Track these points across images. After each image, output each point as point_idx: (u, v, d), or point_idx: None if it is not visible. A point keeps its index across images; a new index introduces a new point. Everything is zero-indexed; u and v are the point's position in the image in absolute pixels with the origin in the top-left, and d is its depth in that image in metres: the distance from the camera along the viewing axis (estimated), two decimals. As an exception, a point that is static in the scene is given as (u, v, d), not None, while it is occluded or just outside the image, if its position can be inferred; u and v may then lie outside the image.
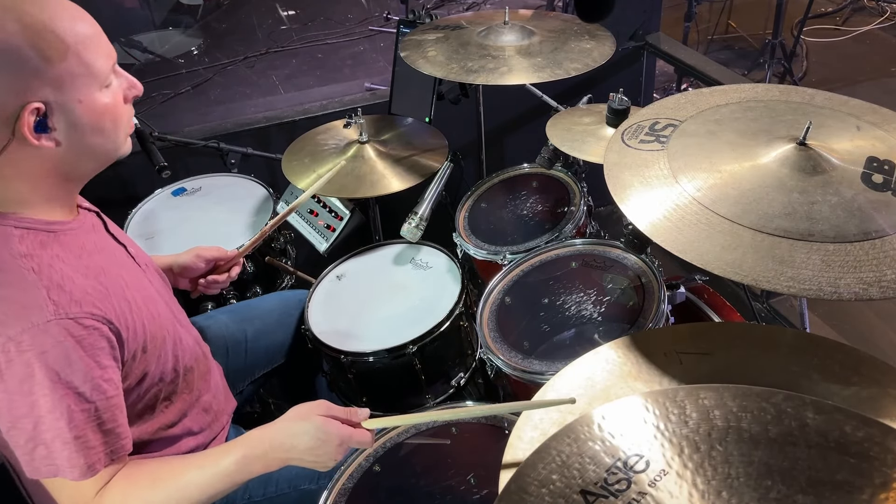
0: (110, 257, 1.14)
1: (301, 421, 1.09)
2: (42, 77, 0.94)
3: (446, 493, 1.24)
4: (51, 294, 0.96)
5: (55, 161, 1.01)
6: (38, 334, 0.94)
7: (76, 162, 1.04)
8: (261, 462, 1.08)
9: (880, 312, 2.39)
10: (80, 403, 0.98)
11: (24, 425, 0.96)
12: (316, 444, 1.07)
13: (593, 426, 0.78)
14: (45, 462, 0.98)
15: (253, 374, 1.68)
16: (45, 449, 0.97)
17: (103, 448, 1.01)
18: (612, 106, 1.63)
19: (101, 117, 1.02)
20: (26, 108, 0.94)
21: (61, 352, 0.95)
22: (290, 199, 2.14)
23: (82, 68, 0.98)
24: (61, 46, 0.95)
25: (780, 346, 1.07)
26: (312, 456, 1.08)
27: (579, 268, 1.62)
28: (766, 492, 0.69)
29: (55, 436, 0.97)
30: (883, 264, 0.91)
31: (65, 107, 0.98)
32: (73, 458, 0.98)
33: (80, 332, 0.97)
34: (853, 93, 1.23)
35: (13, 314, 0.94)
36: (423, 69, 1.75)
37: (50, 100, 0.96)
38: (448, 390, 1.71)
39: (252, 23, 3.90)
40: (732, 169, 1.08)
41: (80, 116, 1.00)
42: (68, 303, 0.97)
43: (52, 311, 0.95)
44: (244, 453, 1.08)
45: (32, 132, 0.96)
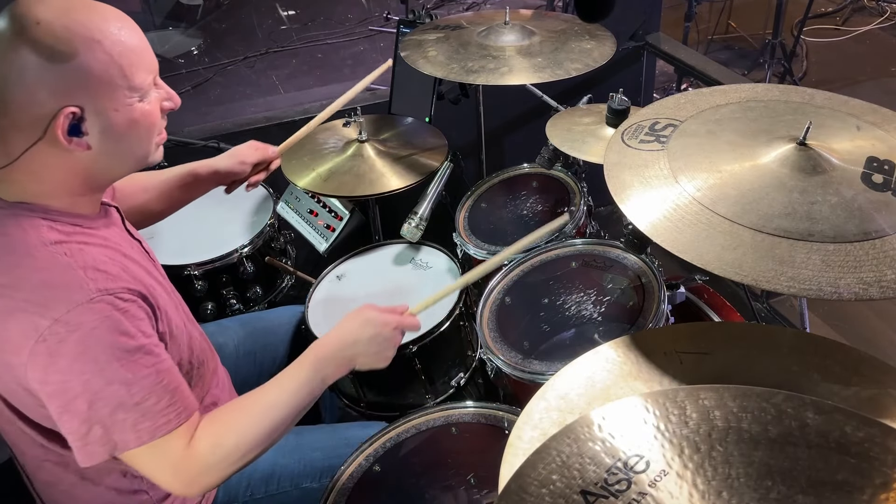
0: (130, 249, 1.16)
1: (357, 318, 1.20)
2: (82, 83, 0.96)
3: (446, 493, 1.24)
4: (87, 274, 0.98)
5: (84, 164, 1.03)
6: (84, 312, 0.95)
7: (105, 167, 1.06)
8: (331, 364, 1.15)
9: (880, 312, 2.39)
10: (139, 369, 0.99)
11: (79, 406, 0.96)
12: (375, 332, 1.18)
13: (593, 426, 0.78)
14: (100, 442, 0.98)
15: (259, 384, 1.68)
16: (102, 428, 0.97)
17: (170, 408, 1.02)
18: (612, 106, 1.63)
19: (135, 127, 1.04)
20: (63, 111, 0.95)
21: (110, 325, 0.97)
22: (289, 198, 2.14)
23: (123, 80, 0.99)
24: (104, 57, 0.97)
25: (780, 346, 1.07)
26: (375, 345, 1.18)
27: (579, 268, 1.62)
28: (767, 492, 0.69)
29: (116, 406, 0.97)
30: (883, 264, 0.91)
31: (100, 114, 0.99)
32: (139, 422, 0.99)
33: (122, 304, 0.99)
34: (853, 93, 1.23)
35: (55, 297, 0.95)
36: (423, 69, 1.75)
37: (86, 106, 0.97)
38: (448, 390, 1.71)
39: (252, 23, 3.91)
40: (732, 169, 1.08)
41: (115, 124, 1.01)
42: (105, 280, 0.99)
43: (93, 288, 0.97)
44: (315, 357, 1.15)
45: (65, 135, 0.97)
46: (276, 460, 1.36)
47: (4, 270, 0.97)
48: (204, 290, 1.87)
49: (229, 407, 1.12)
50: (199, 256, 1.87)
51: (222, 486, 1.31)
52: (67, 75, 0.95)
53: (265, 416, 1.09)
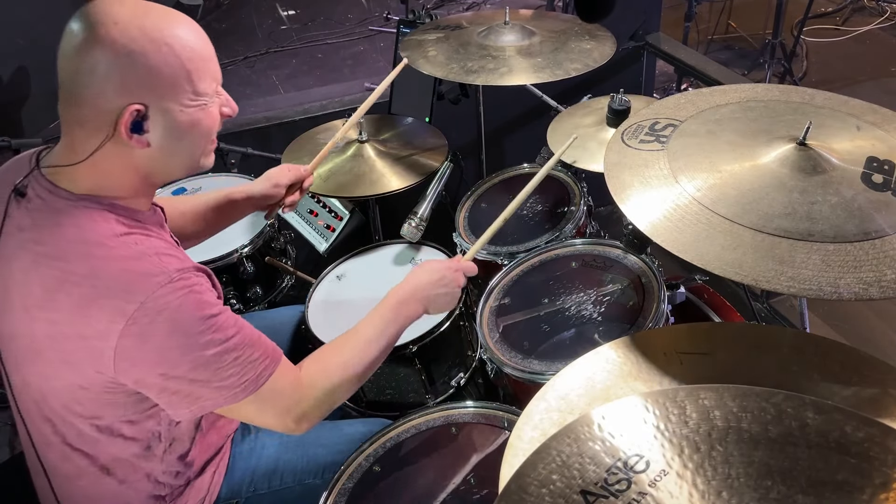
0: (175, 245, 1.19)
1: (423, 267, 1.33)
2: (150, 84, 1.00)
3: (446, 493, 1.24)
4: (161, 259, 1.03)
5: (143, 161, 1.06)
6: (167, 293, 0.99)
7: (163, 165, 1.09)
8: (410, 304, 1.28)
9: (880, 312, 2.39)
10: (227, 330, 1.03)
11: (181, 374, 1.01)
12: (441, 275, 1.31)
13: (593, 426, 0.78)
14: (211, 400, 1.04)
15: None
16: (207, 389, 1.03)
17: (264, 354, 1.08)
18: (613, 106, 1.63)
19: (194, 129, 1.07)
20: (128, 107, 0.99)
21: (193, 299, 1.01)
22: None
23: (189, 84, 1.04)
24: (174, 61, 1.01)
25: (780, 346, 1.07)
26: (443, 286, 1.30)
27: (579, 268, 1.62)
28: (766, 492, 0.69)
29: (216, 367, 1.02)
30: (883, 264, 0.91)
31: (164, 113, 1.03)
32: (242, 373, 1.05)
33: (196, 279, 1.04)
34: (853, 93, 1.23)
35: (137, 281, 0.99)
36: (423, 69, 1.75)
37: (151, 104, 1.01)
38: (448, 390, 1.71)
39: (252, 23, 3.91)
40: (732, 169, 1.08)
41: (177, 125, 1.05)
42: (176, 261, 1.04)
43: (171, 269, 1.01)
44: (396, 300, 1.27)
45: (127, 130, 1.01)
46: (280, 455, 1.38)
47: (81, 261, 1.00)
48: (204, 290, 1.87)
49: (329, 347, 1.22)
50: (199, 256, 1.86)
51: (225, 482, 1.32)
52: (137, 74, 0.99)
53: (364, 350, 1.20)
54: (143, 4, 1.03)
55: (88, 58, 0.98)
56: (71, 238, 1.01)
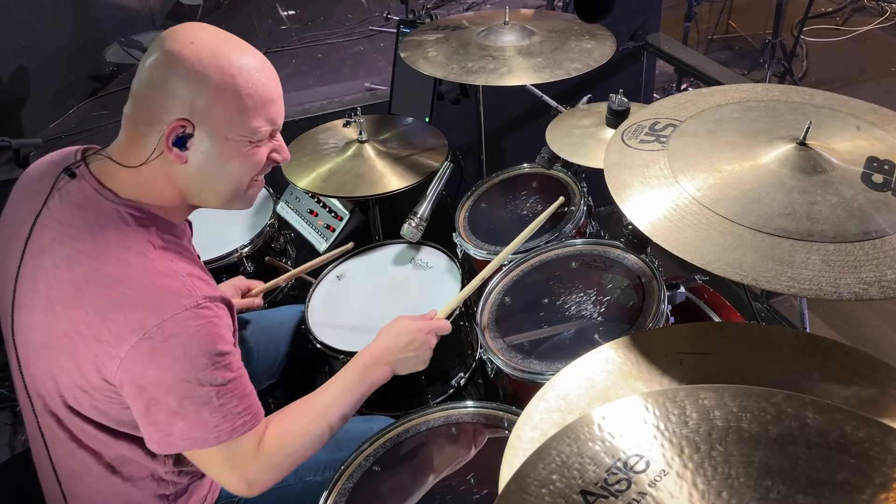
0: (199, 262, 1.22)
1: (393, 327, 1.31)
2: (204, 105, 1.04)
3: (446, 493, 1.24)
4: (192, 281, 1.05)
5: (181, 178, 1.09)
6: (190, 316, 1.00)
7: (198, 188, 1.11)
8: (376, 370, 1.26)
9: (880, 312, 2.39)
10: (227, 374, 1.04)
11: (169, 401, 1.01)
12: (412, 338, 1.29)
13: (593, 426, 0.78)
14: (182, 436, 1.03)
15: (260, 385, 1.69)
16: (185, 423, 1.02)
17: (246, 411, 1.08)
18: (612, 107, 1.63)
19: (236, 160, 1.10)
20: (176, 121, 1.03)
21: (210, 330, 1.02)
22: (289, 198, 2.14)
23: (241, 117, 1.07)
24: (233, 92, 1.05)
25: (780, 346, 1.07)
26: (413, 350, 1.29)
27: (579, 268, 1.62)
28: (767, 492, 0.69)
29: (202, 406, 1.02)
30: (883, 264, 0.91)
31: (209, 137, 1.06)
32: (220, 423, 1.05)
33: (218, 311, 1.06)
34: (853, 93, 1.23)
35: (165, 298, 1.01)
36: (423, 69, 1.75)
37: (199, 125, 1.05)
38: (448, 390, 1.71)
39: (252, 23, 3.90)
40: (732, 169, 1.08)
41: (219, 151, 1.07)
42: (206, 288, 1.06)
43: (200, 294, 1.03)
44: (363, 364, 1.26)
45: (169, 142, 1.04)
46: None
47: (117, 265, 1.02)
48: (204, 290, 1.87)
49: (290, 410, 1.20)
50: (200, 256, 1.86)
51: None
52: (197, 92, 1.03)
53: (323, 418, 1.19)
54: (225, 35, 1.08)
55: (158, 70, 1.03)
56: (112, 240, 1.04)
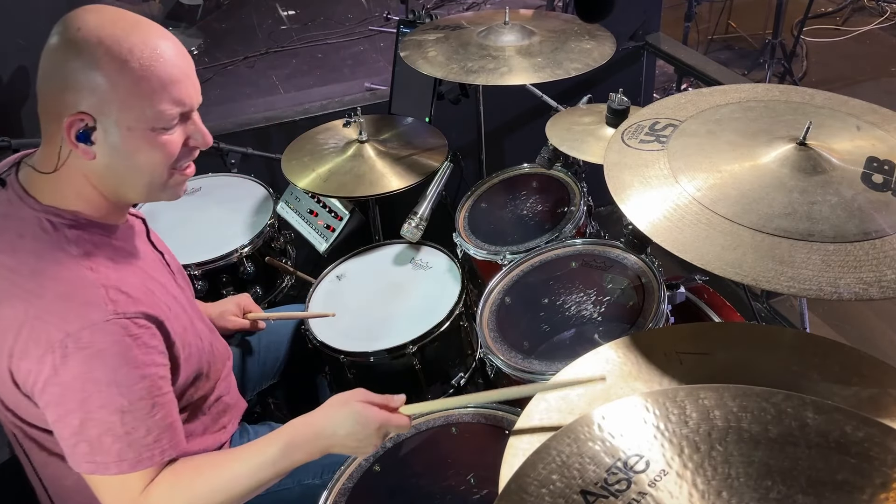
0: (152, 264, 1.17)
1: (342, 408, 1.10)
2: (101, 95, 0.97)
3: (446, 493, 1.24)
4: (109, 293, 0.99)
5: (95, 174, 1.03)
6: (97, 332, 0.96)
7: (114, 183, 1.05)
8: (303, 450, 1.10)
9: (880, 312, 2.39)
10: (136, 400, 0.99)
11: (71, 421, 0.97)
12: (356, 430, 1.09)
13: (593, 426, 0.78)
14: (84, 458, 0.99)
15: (261, 384, 1.70)
16: (88, 446, 0.98)
17: (156, 444, 1.02)
18: (612, 106, 1.63)
19: (145, 152, 1.02)
20: (77, 114, 0.97)
21: (119, 350, 0.97)
22: (289, 198, 2.14)
23: (142, 103, 0.99)
24: (128, 76, 0.97)
25: (780, 346, 1.07)
26: (354, 441, 1.10)
27: (579, 268, 1.62)
28: (766, 492, 0.69)
29: (105, 431, 0.98)
30: (883, 264, 0.91)
31: (112, 128, 0.99)
32: (123, 452, 0.99)
33: (136, 330, 1.00)
34: (853, 93, 1.23)
35: (73, 311, 0.96)
36: (423, 69, 1.75)
37: (100, 117, 0.98)
38: (448, 390, 1.71)
39: (252, 23, 3.91)
40: (732, 169, 1.08)
41: (124, 143, 1.00)
42: (126, 302, 1.00)
43: (111, 309, 0.98)
44: (287, 441, 1.09)
45: (72, 137, 0.98)
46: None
47: (30, 275, 0.98)
48: (204, 290, 1.87)
49: (194, 465, 1.09)
50: (199, 256, 1.86)
51: None
52: (90, 83, 0.96)
53: (224, 488, 1.07)
54: (117, 15, 0.99)
55: (49, 63, 0.97)
56: (28, 250, 1.00)
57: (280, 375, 1.73)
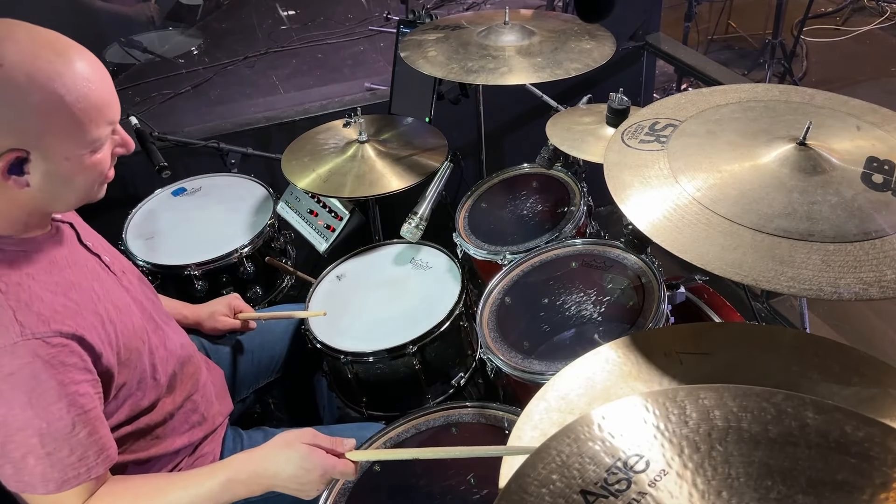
0: (82, 270, 1.13)
1: (286, 449, 1.10)
2: (35, 129, 0.95)
3: (446, 493, 1.24)
4: (17, 315, 0.97)
5: (24, 199, 1.02)
6: (4, 356, 0.94)
7: (45, 203, 1.05)
8: (244, 486, 1.09)
9: (880, 312, 2.39)
10: (54, 420, 0.98)
11: None
12: (299, 473, 1.08)
13: (593, 426, 0.78)
14: (12, 479, 0.98)
15: (258, 382, 1.69)
16: (13, 467, 0.97)
17: (81, 462, 1.01)
18: (612, 106, 1.63)
19: (82, 174, 1.03)
20: (11, 152, 0.95)
21: (29, 372, 0.95)
22: (289, 198, 2.14)
23: (79, 133, 0.98)
24: (63, 110, 0.96)
25: (780, 346, 1.07)
26: (295, 484, 1.09)
27: (579, 268, 1.62)
28: (767, 492, 0.69)
29: (27, 452, 0.97)
30: (883, 264, 0.91)
31: (47, 159, 0.98)
32: (47, 472, 0.98)
33: (48, 350, 0.97)
34: (853, 93, 1.23)
35: None
36: (423, 69, 1.75)
37: (34, 150, 0.96)
38: (448, 390, 1.71)
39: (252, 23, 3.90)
40: (732, 169, 1.07)
41: (61, 171, 1.00)
42: (35, 322, 0.98)
43: (18, 332, 0.96)
44: (228, 477, 1.08)
45: (3, 173, 0.96)
46: None
47: None
48: (204, 290, 1.87)
49: (132, 488, 1.08)
50: (199, 256, 1.87)
51: None
52: (22, 119, 0.94)
53: None
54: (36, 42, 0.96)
55: None
56: None
57: (277, 374, 1.73)
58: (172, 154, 2.18)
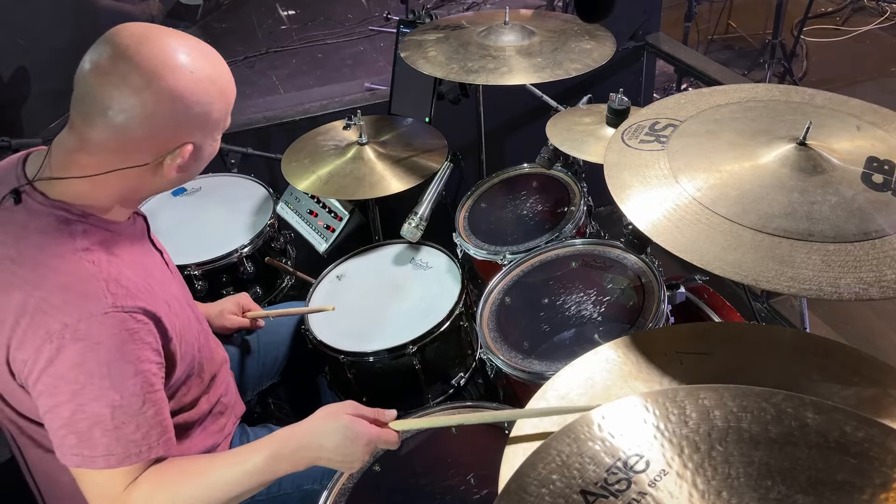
0: (152, 261, 1.19)
1: (330, 420, 1.09)
2: (204, 124, 1.06)
3: (446, 493, 1.24)
4: (109, 287, 1.00)
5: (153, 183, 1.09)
6: (94, 324, 0.97)
7: (167, 186, 1.13)
8: (289, 461, 1.08)
9: (880, 312, 2.39)
10: (128, 395, 1.00)
11: (62, 412, 0.98)
12: (344, 444, 1.07)
13: (593, 426, 0.78)
14: (72, 451, 0.99)
15: (262, 384, 1.70)
16: (77, 437, 0.98)
17: (144, 441, 1.02)
18: (612, 106, 1.63)
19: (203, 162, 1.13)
20: (185, 146, 1.05)
21: (115, 343, 0.98)
22: (289, 199, 2.14)
23: (224, 123, 1.11)
24: (223, 106, 1.09)
25: (780, 346, 1.07)
26: (340, 455, 1.08)
27: (579, 268, 1.62)
28: (766, 492, 0.69)
29: (94, 424, 0.98)
30: (883, 264, 0.91)
31: (202, 146, 1.09)
32: (112, 446, 0.99)
33: (133, 325, 1.01)
34: (853, 93, 1.23)
35: (72, 302, 0.97)
36: (423, 69, 1.75)
37: (198, 141, 1.07)
38: (448, 390, 1.71)
39: (252, 23, 3.90)
40: (732, 169, 1.08)
41: (205, 155, 1.11)
42: (124, 296, 1.01)
43: (110, 302, 0.99)
44: (272, 452, 1.08)
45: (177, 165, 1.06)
46: None
47: (31, 267, 0.99)
48: (204, 290, 1.87)
49: (178, 467, 1.08)
50: (199, 256, 1.86)
51: None
52: (198, 119, 1.05)
53: (205, 493, 1.06)
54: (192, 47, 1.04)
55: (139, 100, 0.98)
56: (31, 243, 1.01)
57: (280, 375, 1.73)
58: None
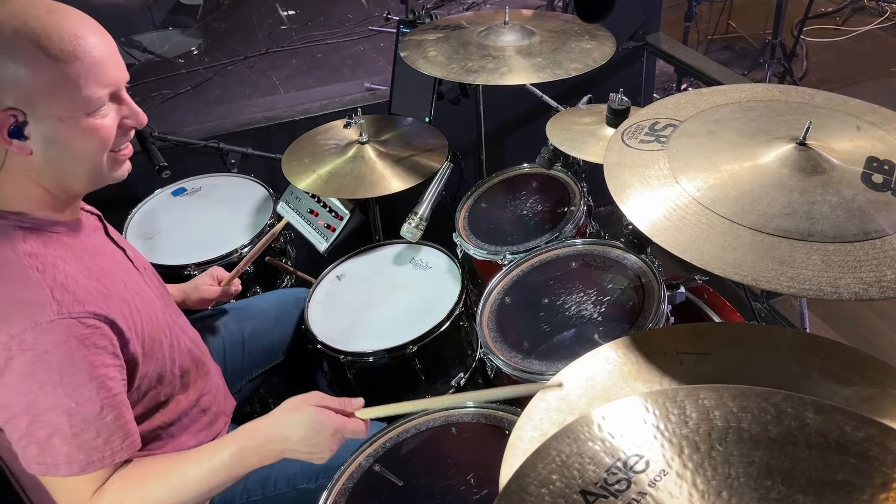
0: (110, 260, 1.15)
1: (294, 412, 1.09)
2: (27, 87, 0.95)
3: (446, 493, 1.24)
4: (54, 293, 0.97)
5: (36, 170, 1.02)
6: (40, 333, 0.95)
7: (57, 176, 1.04)
8: (256, 455, 1.08)
9: (880, 312, 2.39)
10: (83, 401, 0.98)
11: (19, 423, 0.97)
12: (310, 435, 1.07)
13: (593, 426, 0.78)
14: (34, 460, 0.98)
15: (251, 373, 1.68)
16: (37, 447, 0.97)
17: (106, 446, 1.01)
18: (612, 106, 1.63)
19: (81, 139, 1.01)
20: (6, 110, 0.95)
21: (63, 351, 0.96)
22: (289, 198, 2.14)
23: (71, 90, 0.97)
24: (52, 65, 0.95)
25: (780, 346, 1.07)
26: (307, 447, 1.08)
27: (579, 268, 1.62)
28: (766, 492, 0.69)
29: (53, 433, 0.97)
30: (883, 264, 0.91)
31: (43, 120, 0.97)
32: (73, 454, 0.98)
33: (83, 331, 0.98)
34: (853, 93, 1.23)
35: (16, 312, 0.95)
36: (423, 69, 1.75)
37: (29, 111, 0.96)
38: (448, 390, 1.71)
39: (252, 23, 3.91)
40: (732, 169, 1.07)
41: (58, 134, 0.99)
42: (71, 302, 0.98)
43: (56, 310, 0.96)
44: (239, 446, 1.08)
45: (5, 136, 0.96)
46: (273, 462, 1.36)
47: None
48: (204, 290, 1.87)
49: (146, 468, 1.07)
50: (199, 256, 1.87)
51: None
52: (13, 77, 0.94)
53: (175, 491, 1.05)
54: (28, 2, 0.96)
55: None
56: None
57: (272, 362, 1.72)
58: (172, 154, 2.18)
